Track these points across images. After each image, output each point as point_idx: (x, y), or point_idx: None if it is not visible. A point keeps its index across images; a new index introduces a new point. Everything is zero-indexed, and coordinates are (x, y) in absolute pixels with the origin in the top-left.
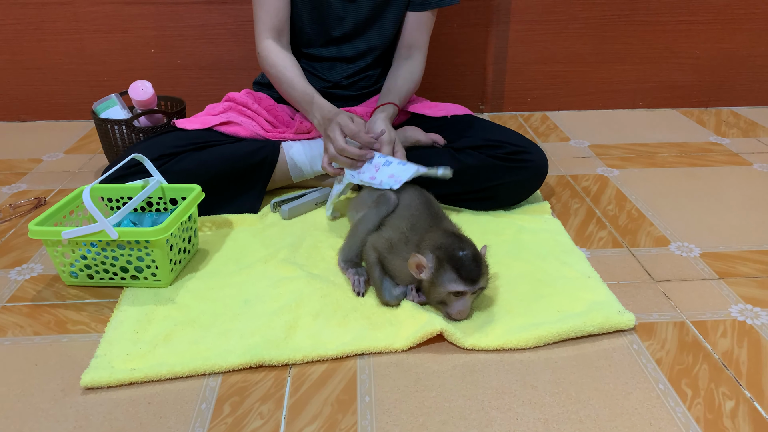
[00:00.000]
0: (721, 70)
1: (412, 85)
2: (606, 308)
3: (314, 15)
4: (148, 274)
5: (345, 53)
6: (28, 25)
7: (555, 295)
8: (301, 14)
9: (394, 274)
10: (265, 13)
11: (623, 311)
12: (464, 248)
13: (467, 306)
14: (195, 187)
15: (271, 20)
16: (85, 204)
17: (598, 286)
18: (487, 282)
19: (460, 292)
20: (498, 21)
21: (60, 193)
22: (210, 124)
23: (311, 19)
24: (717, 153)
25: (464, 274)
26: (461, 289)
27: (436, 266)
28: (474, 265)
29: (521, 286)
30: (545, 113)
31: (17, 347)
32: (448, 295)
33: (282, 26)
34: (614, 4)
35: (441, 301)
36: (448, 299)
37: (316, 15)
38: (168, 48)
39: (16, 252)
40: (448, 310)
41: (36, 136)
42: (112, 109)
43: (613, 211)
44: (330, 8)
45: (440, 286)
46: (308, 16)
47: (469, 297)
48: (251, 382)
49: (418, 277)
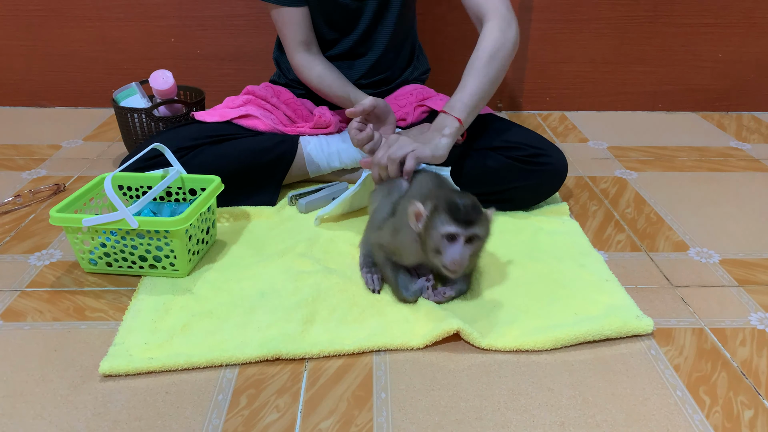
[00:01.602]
0: (744, 74)
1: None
2: (624, 312)
3: (325, 19)
4: (167, 264)
5: (360, 50)
6: (50, 12)
7: (572, 297)
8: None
9: (403, 256)
10: (288, 30)
11: (641, 316)
12: (462, 198)
13: (462, 254)
14: (215, 178)
15: (297, 35)
16: (107, 192)
17: (616, 289)
18: (484, 232)
19: (453, 236)
20: (520, 19)
21: (79, 179)
22: (229, 117)
23: (323, 23)
24: (737, 158)
25: (457, 215)
26: (453, 230)
27: (432, 212)
28: (469, 208)
29: (538, 287)
30: (564, 113)
31: (37, 332)
32: (442, 240)
33: (308, 38)
34: (637, 6)
35: (437, 251)
36: (443, 246)
37: (327, 19)
38: (188, 38)
39: (36, 237)
40: (443, 259)
41: (55, 123)
42: (132, 97)
43: (631, 214)
44: (339, 11)
45: (434, 229)
46: (320, 21)
47: (463, 244)
48: (268, 374)
49: (417, 229)
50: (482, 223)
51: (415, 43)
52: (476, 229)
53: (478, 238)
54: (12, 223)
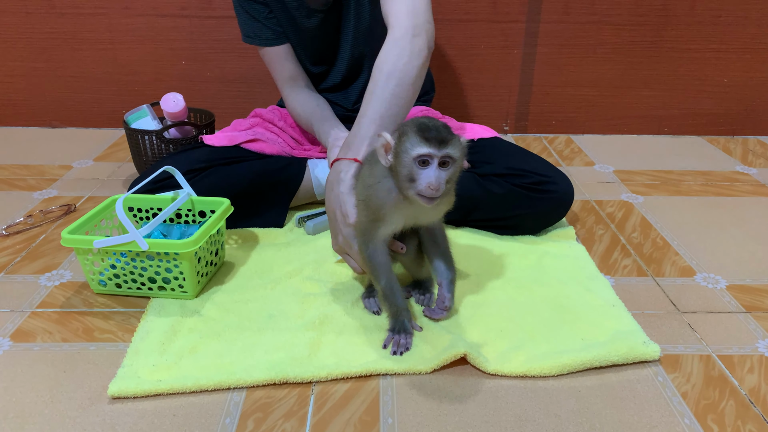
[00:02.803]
0: (749, 98)
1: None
2: (631, 338)
3: (308, 53)
4: (176, 286)
5: (351, 78)
6: (63, 35)
7: (578, 321)
8: (300, 58)
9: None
10: (274, 67)
11: (648, 342)
12: (431, 120)
13: (438, 177)
14: (224, 200)
15: (283, 71)
16: (118, 215)
17: (622, 314)
18: (458, 154)
19: (426, 159)
20: (526, 44)
21: (89, 200)
22: (237, 141)
23: (307, 57)
24: (743, 183)
25: (427, 135)
26: (425, 151)
27: (399, 137)
28: (440, 128)
29: (544, 311)
30: (570, 136)
31: (46, 353)
32: (414, 165)
33: (294, 73)
34: (642, 31)
35: (410, 179)
36: (416, 172)
37: (309, 52)
38: (198, 60)
39: (46, 258)
40: (418, 186)
41: (66, 143)
42: (143, 119)
43: (637, 238)
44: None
45: (404, 154)
46: (303, 55)
47: (437, 168)
48: (275, 398)
49: (387, 163)
50: (455, 144)
51: None
52: (449, 149)
53: (453, 161)
54: (23, 243)
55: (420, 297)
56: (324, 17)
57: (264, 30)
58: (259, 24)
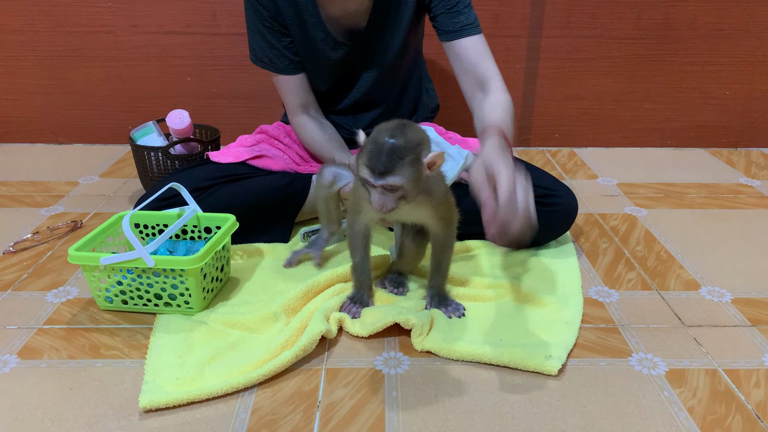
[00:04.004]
0: (751, 110)
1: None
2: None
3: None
4: (182, 302)
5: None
6: (70, 52)
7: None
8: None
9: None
10: (286, 94)
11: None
12: (392, 136)
13: (381, 200)
14: (230, 216)
15: (295, 100)
16: (124, 232)
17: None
18: (407, 181)
19: (368, 182)
20: (528, 58)
21: (96, 216)
22: (242, 158)
23: (322, 83)
24: (747, 195)
25: (370, 163)
26: (365, 177)
27: (358, 155)
28: (385, 155)
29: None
30: (573, 149)
31: (53, 370)
32: (365, 185)
33: (306, 101)
34: (644, 44)
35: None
36: (369, 190)
37: (327, 81)
38: (203, 76)
39: (53, 274)
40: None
41: (73, 159)
42: (149, 136)
43: (642, 252)
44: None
45: (357, 173)
46: (320, 82)
47: (381, 192)
48: (281, 415)
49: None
50: (401, 173)
51: (422, 86)
52: (389, 179)
53: (397, 188)
54: (30, 260)
55: (393, 289)
56: (349, 50)
57: (280, 59)
58: (276, 52)
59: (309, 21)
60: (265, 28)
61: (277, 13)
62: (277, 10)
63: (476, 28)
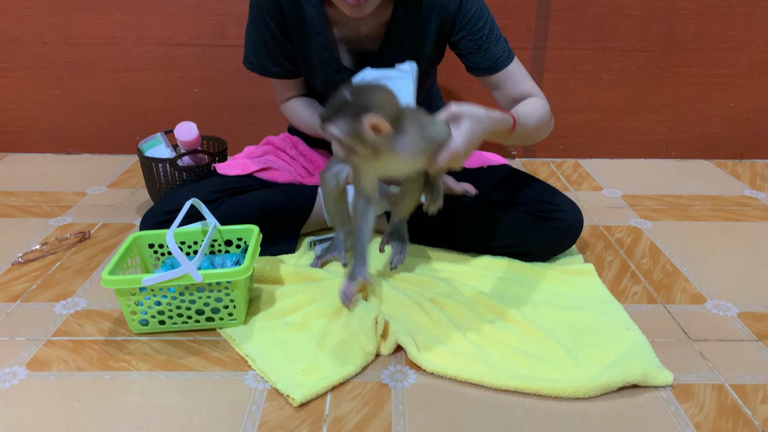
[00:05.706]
0: (756, 122)
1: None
2: (645, 361)
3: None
4: (225, 314)
5: None
6: (79, 64)
7: (593, 346)
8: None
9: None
10: (279, 88)
11: (662, 367)
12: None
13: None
14: (253, 227)
15: (287, 93)
16: (171, 249)
17: (637, 337)
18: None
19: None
20: (533, 70)
21: (103, 227)
22: (249, 170)
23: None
24: (752, 207)
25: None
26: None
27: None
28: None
29: (561, 335)
30: (577, 160)
31: (61, 382)
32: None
33: (297, 93)
34: (649, 56)
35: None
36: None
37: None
38: (211, 88)
39: (61, 285)
40: None
41: (81, 169)
42: (157, 147)
43: (647, 264)
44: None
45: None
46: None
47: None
48: (288, 428)
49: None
50: (337, 123)
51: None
52: (332, 127)
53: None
54: (38, 271)
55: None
56: (355, 73)
57: (275, 67)
58: (277, 60)
59: (314, 41)
60: (273, 39)
61: (281, 26)
62: (282, 23)
63: (509, 57)
